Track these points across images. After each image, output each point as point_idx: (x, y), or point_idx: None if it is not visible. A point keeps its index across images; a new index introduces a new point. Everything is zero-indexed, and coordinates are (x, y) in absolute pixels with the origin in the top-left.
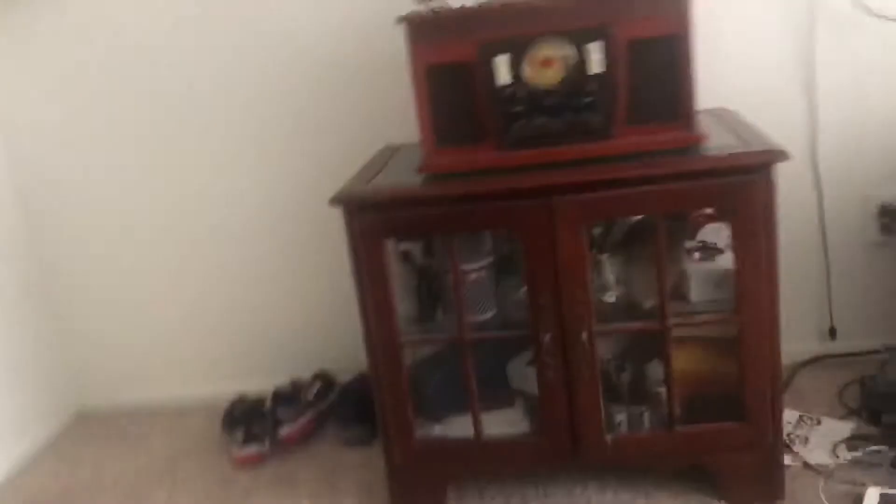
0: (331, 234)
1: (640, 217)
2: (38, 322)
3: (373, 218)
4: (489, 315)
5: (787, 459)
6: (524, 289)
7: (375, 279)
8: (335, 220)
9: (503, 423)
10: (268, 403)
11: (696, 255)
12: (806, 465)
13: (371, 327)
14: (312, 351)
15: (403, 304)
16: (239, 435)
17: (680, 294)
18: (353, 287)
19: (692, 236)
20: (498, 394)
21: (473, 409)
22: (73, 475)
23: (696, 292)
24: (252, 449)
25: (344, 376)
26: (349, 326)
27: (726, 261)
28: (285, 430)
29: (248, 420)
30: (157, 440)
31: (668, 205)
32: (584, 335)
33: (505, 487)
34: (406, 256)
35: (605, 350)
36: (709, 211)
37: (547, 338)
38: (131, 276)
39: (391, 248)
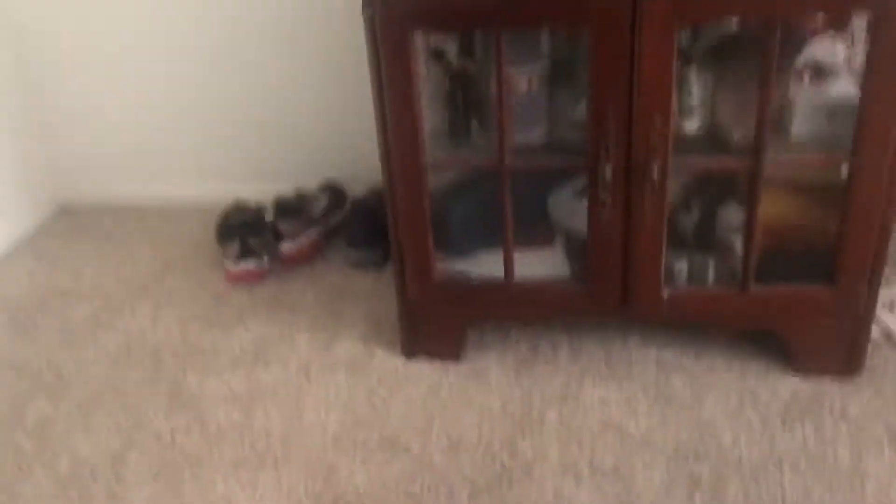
0: (348, 23)
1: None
2: (18, 106)
3: (400, 2)
4: (536, 135)
5: None
6: (583, 106)
7: (398, 83)
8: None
9: (538, 264)
10: (268, 214)
11: (806, 77)
12: (889, 336)
13: (390, 143)
14: (320, 156)
15: (430, 116)
16: (234, 247)
17: (778, 125)
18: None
19: (794, 53)
20: (535, 230)
21: (507, 245)
22: (50, 278)
23: (800, 124)
24: (249, 264)
25: (355, 187)
26: (364, 132)
27: (840, 87)
28: (287, 247)
29: (246, 231)
30: (143, 245)
31: (790, 7)
32: (656, 170)
33: (532, 333)
34: (438, 56)
35: (669, 185)
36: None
37: (608, 170)
38: (123, 58)
39: (420, 44)
